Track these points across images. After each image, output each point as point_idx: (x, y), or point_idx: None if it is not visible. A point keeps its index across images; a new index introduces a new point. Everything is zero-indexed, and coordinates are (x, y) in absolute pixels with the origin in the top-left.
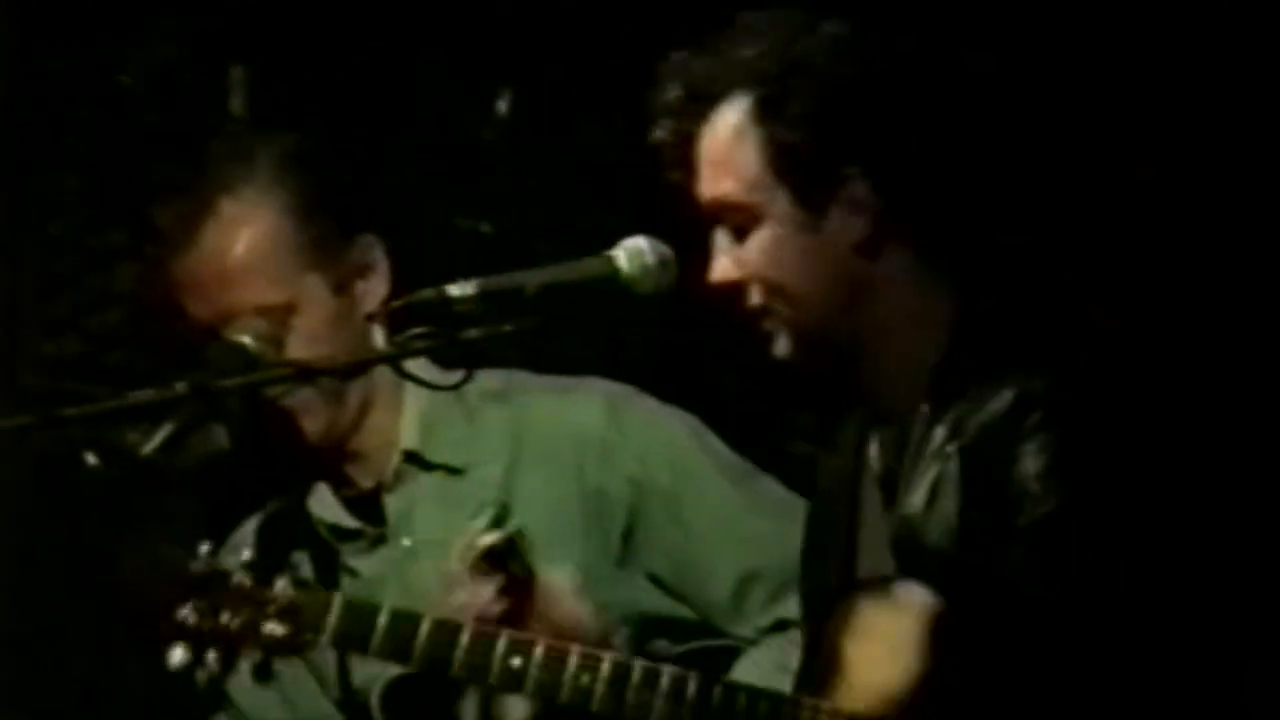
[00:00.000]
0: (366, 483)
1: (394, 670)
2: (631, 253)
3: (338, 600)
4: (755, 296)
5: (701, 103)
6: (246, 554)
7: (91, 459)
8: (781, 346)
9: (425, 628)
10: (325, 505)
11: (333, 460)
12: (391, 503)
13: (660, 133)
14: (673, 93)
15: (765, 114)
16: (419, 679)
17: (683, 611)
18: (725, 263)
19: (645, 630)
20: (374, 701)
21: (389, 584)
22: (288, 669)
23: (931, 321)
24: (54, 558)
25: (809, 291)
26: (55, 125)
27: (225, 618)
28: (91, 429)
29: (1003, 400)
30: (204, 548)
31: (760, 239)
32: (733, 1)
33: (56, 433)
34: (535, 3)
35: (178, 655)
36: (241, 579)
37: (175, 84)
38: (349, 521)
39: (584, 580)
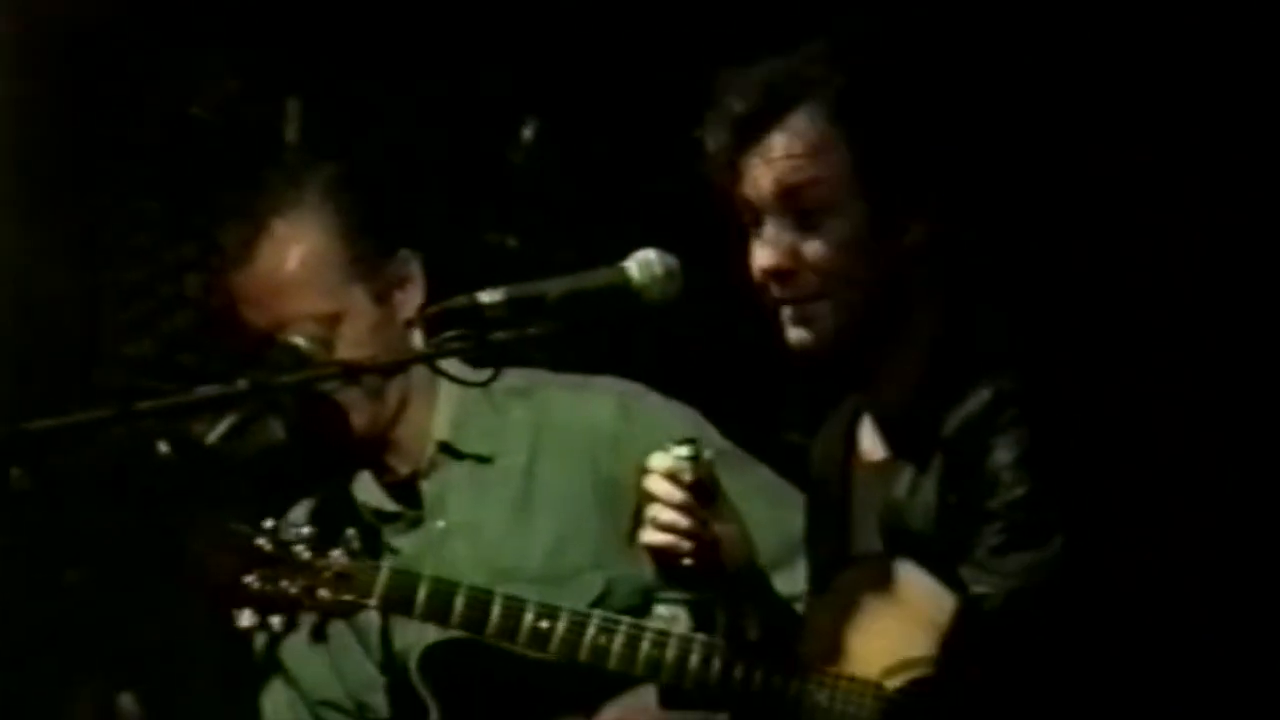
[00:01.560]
0: (404, 470)
1: (431, 636)
2: (642, 264)
3: (385, 569)
4: (811, 284)
5: (779, 107)
6: (306, 529)
7: (163, 447)
8: (811, 336)
9: (462, 594)
10: (368, 490)
11: (375, 450)
12: (427, 488)
13: (725, 135)
14: (747, 100)
15: (851, 118)
16: (454, 644)
17: None
18: (780, 250)
19: (650, 601)
20: (413, 665)
21: (425, 561)
22: (336, 638)
23: (934, 323)
24: (130, 534)
25: (871, 285)
26: (133, 152)
27: (285, 584)
28: (163, 421)
29: (980, 398)
30: (268, 523)
31: (836, 230)
32: (740, 34)
33: (132, 424)
34: (559, 43)
35: (245, 618)
36: (300, 550)
37: (238, 115)
38: (389, 505)
39: (597, 556)
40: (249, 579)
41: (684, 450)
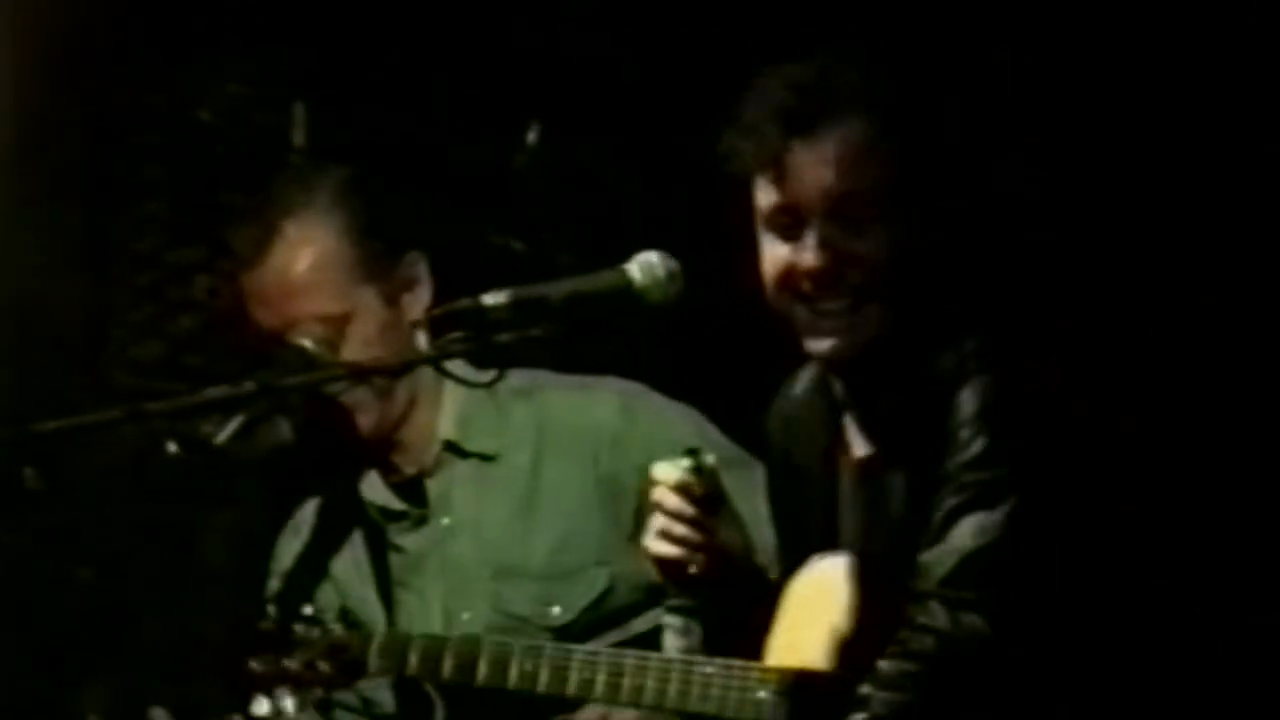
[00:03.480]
0: (411, 469)
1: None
2: (644, 266)
3: (377, 637)
4: (858, 287)
5: (830, 105)
6: (307, 609)
7: (172, 447)
8: (854, 341)
9: (450, 651)
10: (375, 489)
11: (382, 450)
12: (432, 487)
13: (772, 127)
14: (796, 93)
15: (899, 128)
16: None
17: None
18: (829, 253)
19: (651, 596)
20: None
21: (430, 558)
22: None
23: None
24: (141, 531)
25: (913, 282)
26: (141, 155)
27: (287, 663)
28: (171, 421)
29: (946, 361)
30: (270, 609)
31: (888, 232)
32: (743, 39)
33: (141, 425)
34: (562, 48)
35: (263, 707)
36: (300, 629)
37: (245, 119)
38: (396, 504)
39: (600, 552)
40: (255, 664)
41: (687, 462)
